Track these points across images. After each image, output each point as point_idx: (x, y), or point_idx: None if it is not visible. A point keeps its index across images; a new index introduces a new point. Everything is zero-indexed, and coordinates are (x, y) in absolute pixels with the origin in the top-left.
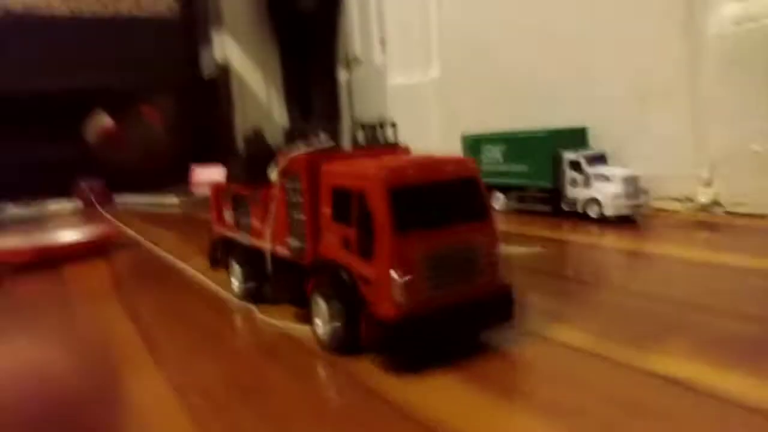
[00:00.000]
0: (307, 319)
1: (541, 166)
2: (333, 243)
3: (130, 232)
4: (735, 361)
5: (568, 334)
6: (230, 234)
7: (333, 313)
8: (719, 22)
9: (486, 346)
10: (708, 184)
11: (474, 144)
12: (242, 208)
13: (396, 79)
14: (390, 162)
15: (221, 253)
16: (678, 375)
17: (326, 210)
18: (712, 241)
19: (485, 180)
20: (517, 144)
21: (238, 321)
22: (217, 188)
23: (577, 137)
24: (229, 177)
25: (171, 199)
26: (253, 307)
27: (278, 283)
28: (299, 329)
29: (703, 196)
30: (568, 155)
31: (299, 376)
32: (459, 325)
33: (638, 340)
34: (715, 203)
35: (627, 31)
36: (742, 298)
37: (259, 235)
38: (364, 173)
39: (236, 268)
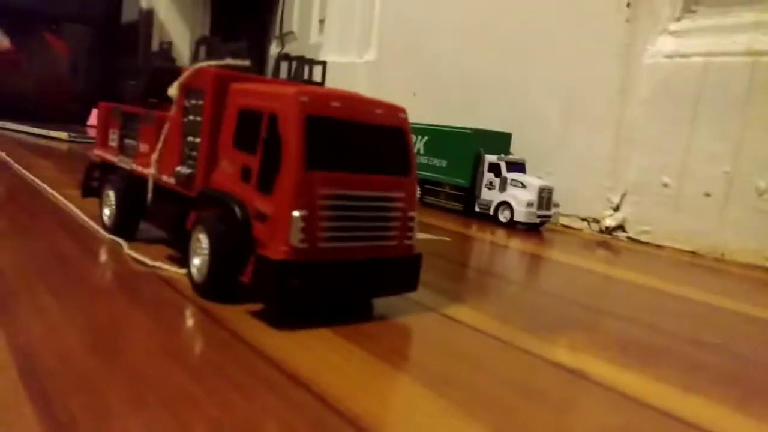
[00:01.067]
0: (183, 262)
1: (460, 163)
2: (229, 173)
3: (1, 154)
4: (631, 361)
5: (468, 315)
6: (111, 158)
7: (217, 250)
8: (655, 53)
9: (377, 314)
10: (616, 208)
11: None
12: (131, 129)
13: (330, 56)
14: (312, 88)
15: (97, 181)
16: (576, 366)
17: (228, 134)
18: (612, 260)
19: None
20: (440, 137)
21: (102, 255)
22: (106, 108)
23: (500, 141)
24: (127, 95)
25: (60, 134)
26: (122, 242)
27: (157, 214)
28: (172, 271)
29: (610, 219)
30: (490, 157)
31: (163, 319)
32: (358, 283)
33: (539, 331)
34: (620, 228)
35: (564, 45)
36: (638, 308)
37: (145, 161)
38: (281, 93)
39: (110, 195)
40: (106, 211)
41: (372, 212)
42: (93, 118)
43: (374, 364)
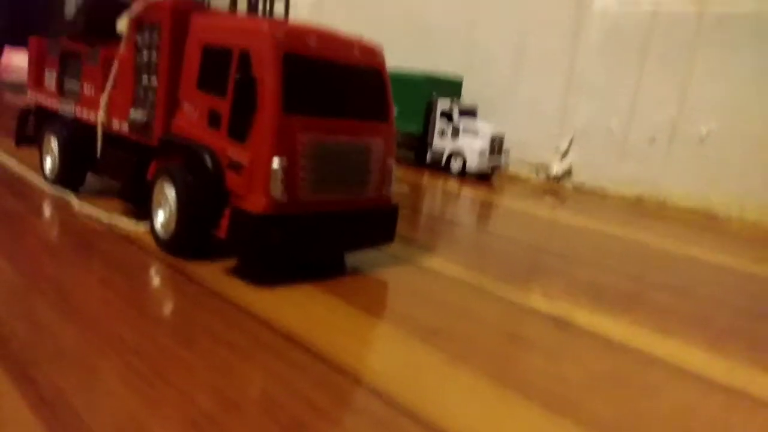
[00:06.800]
0: (141, 217)
1: (412, 110)
2: (194, 118)
3: None
4: (606, 306)
5: (443, 265)
6: (50, 103)
7: (186, 202)
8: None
9: (353, 266)
10: (564, 155)
11: None
12: (72, 69)
13: None
14: (286, 24)
15: (34, 127)
16: (556, 313)
17: (191, 74)
18: (562, 206)
19: None
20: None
21: (50, 211)
22: (39, 43)
23: (451, 87)
24: (61, 28)
25: None
26: (71, 196)
27: (109, 165)
28: (130, 225)
29: (557, 166)
30: (442, 104)
31: (134, 281)
32: (338, 235)
33: (513, 279)
34: (566, 175)
35: None
36: (598, 253)
37: (90, 104)
38: (254, 29)
39: (53, 145)
40: (48, 161)
41: (353, 161)
42: (6, 61)
43: (363, 318)
